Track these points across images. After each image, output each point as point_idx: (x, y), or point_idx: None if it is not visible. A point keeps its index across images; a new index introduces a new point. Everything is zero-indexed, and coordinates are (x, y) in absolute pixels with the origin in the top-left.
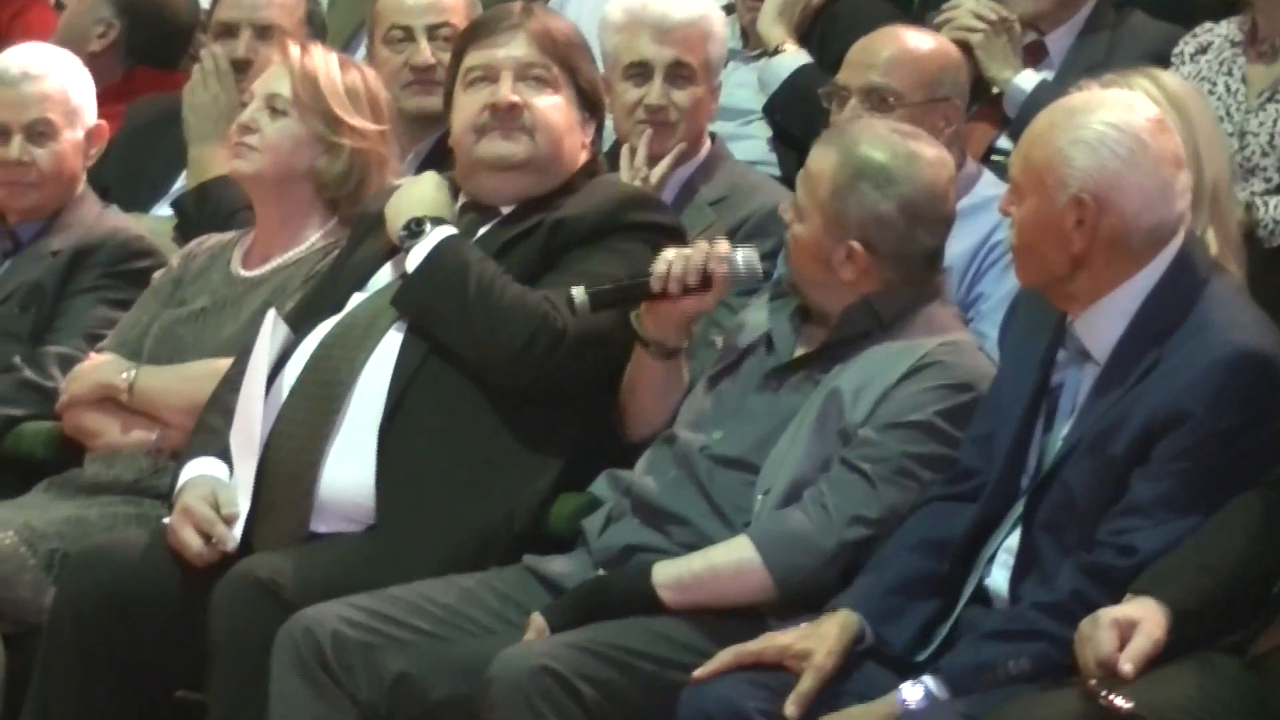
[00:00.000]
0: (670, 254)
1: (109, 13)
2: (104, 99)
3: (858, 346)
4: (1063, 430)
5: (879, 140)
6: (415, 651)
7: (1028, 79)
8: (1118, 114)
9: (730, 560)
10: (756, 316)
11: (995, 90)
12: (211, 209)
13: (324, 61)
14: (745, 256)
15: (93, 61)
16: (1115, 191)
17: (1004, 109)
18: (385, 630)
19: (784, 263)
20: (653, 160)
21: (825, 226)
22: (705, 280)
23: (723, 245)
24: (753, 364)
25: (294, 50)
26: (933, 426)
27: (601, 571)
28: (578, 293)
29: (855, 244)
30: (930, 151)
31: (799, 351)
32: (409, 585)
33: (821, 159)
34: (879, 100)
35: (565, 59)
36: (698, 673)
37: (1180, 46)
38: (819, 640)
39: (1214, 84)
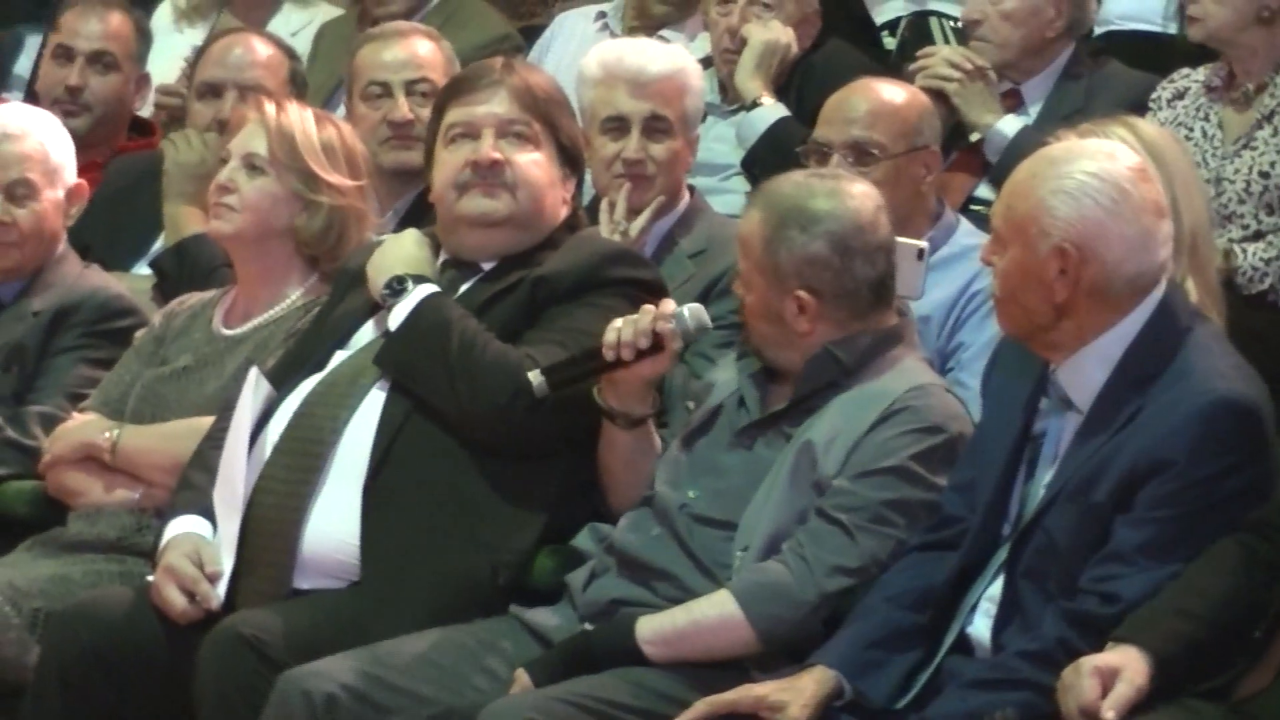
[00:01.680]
0: (618, 322)
1: None
2: (85, 158)
3: (825, 396)
4: (1045, 478)
5: (797, 186)
6: (407, 714)
7: (1010, 124)
8: (1099, 163)
9: (713, 615)
10: (726, 375)
11: (973, 138)
12: (190, 267)
13: (300, 118)
14: (691, 311)
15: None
16: (1098, 241)
17: (984, 154)
18: (381, 699)
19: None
20: (631, 214)
21: (768, 284)
22: (657, 342)
23: (668, 305)
24: (724, 421)
25: (269, 108)
26: (907, 471)
27: (587, 626)
28: (533, 376)
29: (801, 293)
30: (853, 185)
31: (772, 407)
32: (403, 640)
33: (747, 222)
34: (862, 154)
35: (546, 115)
36: None
37: (1158, 92)
38: (795, 693)
39: (1190, 129)
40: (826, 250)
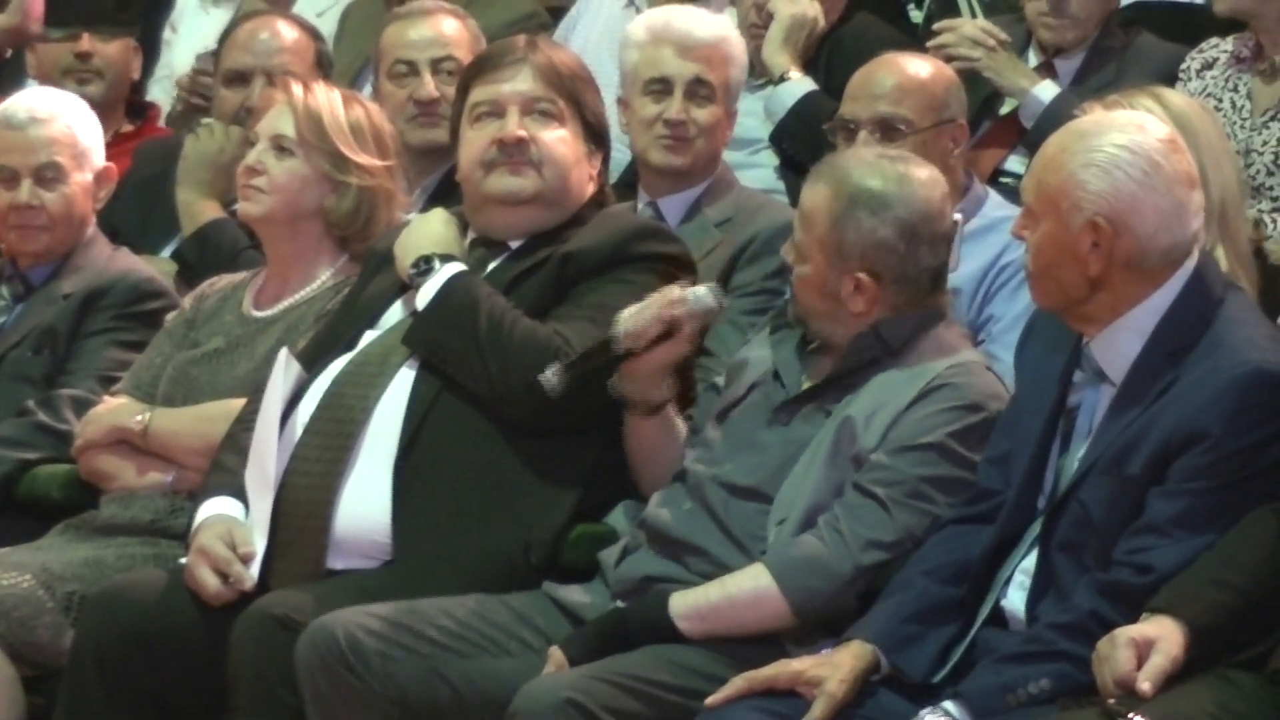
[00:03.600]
0: (625, 313)
1: None
2: (114, 142)
3: (866, 374)
4: (1079, 451)
5: (868, 167)
6: (432, 664)
7: (1045, 90)
8: (1129, 135)
9: (747, 588)
10: (759, 352)
11: (1004, 111)
12: (213, 254)
13: (327, 99)
14: (697, 293)
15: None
16: (1130, 213)
17: (1018, 122)
18: (402, 641)
19: (789, 298)
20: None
21: (828, 261)
22: (669, 327)
23: (673, 290)
24: (760, 398)
25: (297, 89)
26: (945, 448)
27: (620, 603)
28: (547, 375)
29: (861, 275)
30: (921, 172)
31: (807, 383)
32: (436, 600)
33: (814, 195)
34: (889, 129)
35: (571, 92)
36: (710, 700)
37: (1187, 62)
38: (832, 668)
39: (1219, 100)
40: (894, 236)
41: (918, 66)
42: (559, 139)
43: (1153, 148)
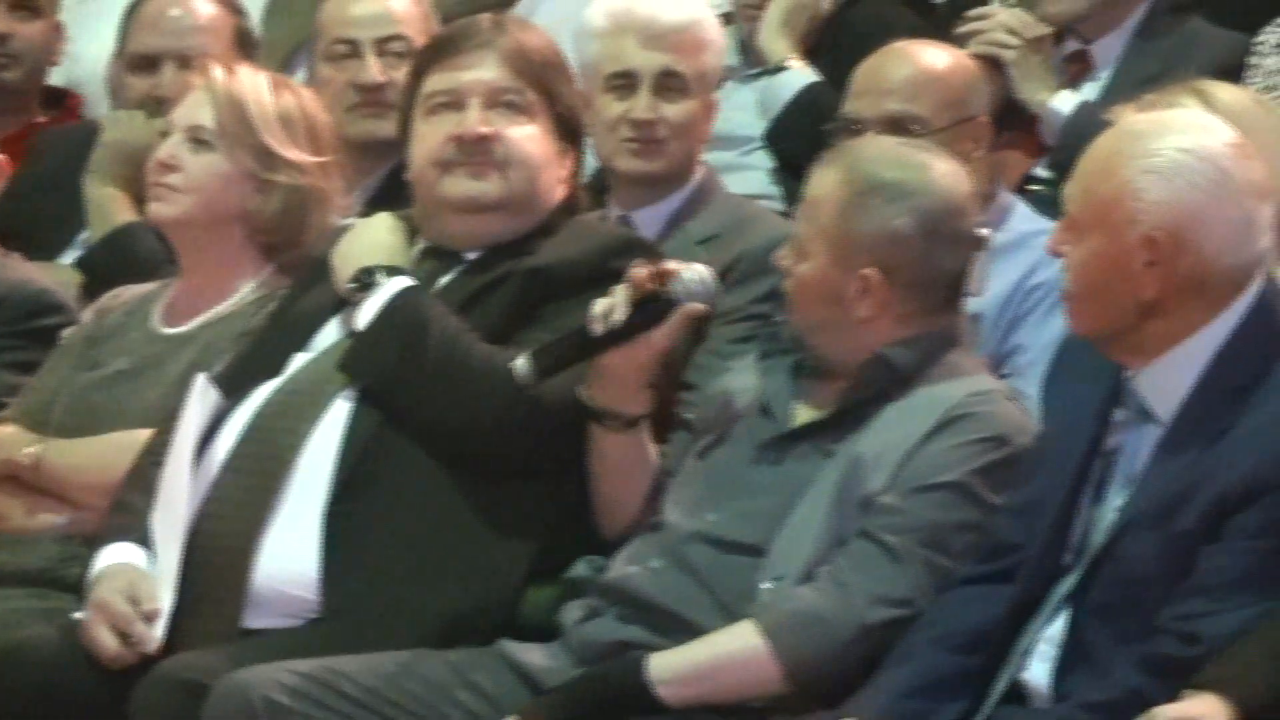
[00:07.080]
0: (605, 298)
1: None
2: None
3: (873, 408)
4: (1116, 500)
5: (885, 154)
6: None
7: (1065, 101)
8: (1194, 138)
9: (734, 648)
10: (744, 380)
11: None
12: (125, 264)
13: (253, 85)
14: (693, 271)
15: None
16: (1194, 228)
17: (1041, 133)
18: (326, 701)
19: (784, 314)
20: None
21: (833, 257)
22: (654, 313)
23: (667, 264)
24: (744, 435)
25: (217, 73)
26: (966, 488)
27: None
28: (519, 362)
29: (870, 271)
30: (943, 164)
31: (805, 416)
32: (367, 658)
33: (821, 181)
34: (901, 130)
35: (542, 81)
36: None
37: (1263, 36)
38: None
39: None
40: (912, 228)
41: (933, 57)
42: (527, 137)
43: (1220, 153)
